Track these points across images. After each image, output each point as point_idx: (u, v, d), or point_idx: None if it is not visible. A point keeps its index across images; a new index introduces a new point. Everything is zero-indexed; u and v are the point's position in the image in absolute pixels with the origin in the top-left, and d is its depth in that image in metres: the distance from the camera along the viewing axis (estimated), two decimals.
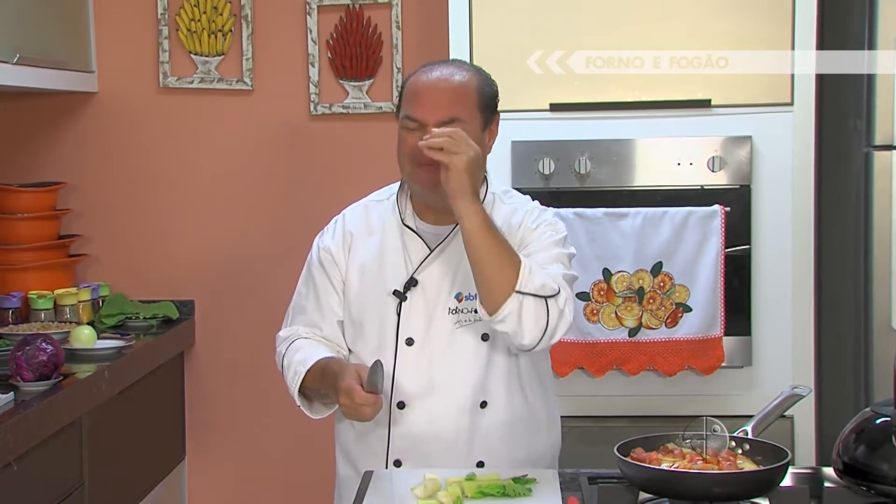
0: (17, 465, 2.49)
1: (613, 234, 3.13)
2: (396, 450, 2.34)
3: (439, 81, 2.30)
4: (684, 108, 3.19)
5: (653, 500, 2.00)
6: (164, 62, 3.73)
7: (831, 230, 3.32)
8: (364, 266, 2.39)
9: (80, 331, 3.18)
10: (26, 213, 3.59)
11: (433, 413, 2.31)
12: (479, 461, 2.32)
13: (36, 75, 3.29)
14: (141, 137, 3.78)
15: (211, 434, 3.84)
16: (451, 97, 2.28)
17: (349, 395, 2.17)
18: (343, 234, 2.44)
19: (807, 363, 3.20)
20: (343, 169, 3.73)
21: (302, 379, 2.33)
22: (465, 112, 2.28)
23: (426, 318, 2.33)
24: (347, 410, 2.20)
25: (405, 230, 2.38)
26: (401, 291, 2.34)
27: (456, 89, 2.29)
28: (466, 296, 2.32)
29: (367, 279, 2.38)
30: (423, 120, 2.27)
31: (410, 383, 2.32)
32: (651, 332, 3.15)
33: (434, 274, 2.34)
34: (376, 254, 2.39)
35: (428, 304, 2.33)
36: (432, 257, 2.35)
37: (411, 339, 2.33)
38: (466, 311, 2.32)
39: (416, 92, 2.30)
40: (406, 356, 2.33)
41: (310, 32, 3.70)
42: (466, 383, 2.32)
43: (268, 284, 3.76)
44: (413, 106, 2.29)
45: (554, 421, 2.47)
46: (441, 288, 2.33)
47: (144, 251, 3.80)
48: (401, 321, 2.33)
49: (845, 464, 2.00)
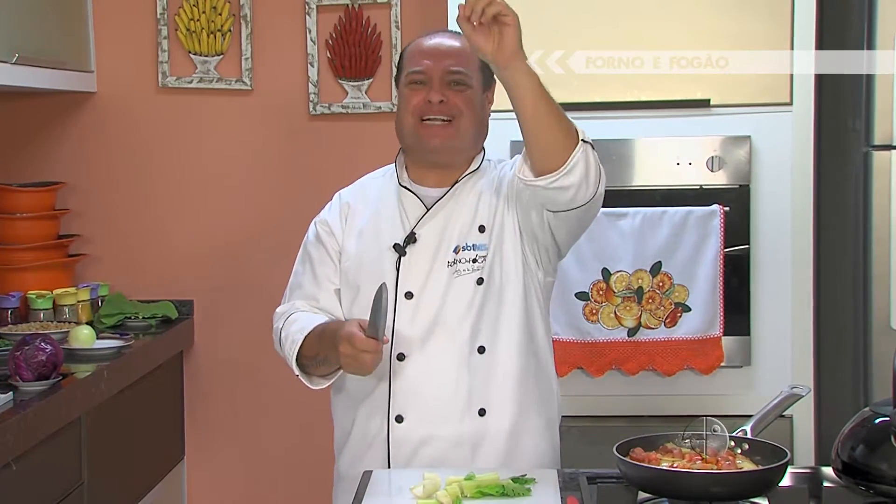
0: (17, 464, 2.49)
1: (612, 233, 3.13)
2: (398, 405, 2.33)
3: (442, 41, 2.38)
4: (683, 107, 3.19)
5: (652, 499, 2.00)
6: (163, 62, 3.73)
7: (830, 230, 3.32)
8: (362, 230, 2.42)
9: (79, 330, 3.18)
10: (25, 213, 3.59)
11: (432, 361, 2.32)
12: (480, 408, 2.32)
13: (35, 75, 3.29)
14: (140, 137, 3.78)
15: (210, 433, 3.84)
16: (455, 53, 2.36)
17: (350, 340, 2.17)
18: (340, 206, 2.48)
19: (806, 363, 3.20)
20: (342, 169, 3.71)
21: (300, 347, 2.33)
22: (470, 68, 2.35)
23: (425, 273, 2.35)
24: (348, 360, 2.19)
25: (402, 190, 2.41)
26: (401, 245, 2.36)
27: (459, 47, 2.36)
28: (464, 247, 2.35)
29: (364, 240, 2.41)
30: (429, 73, 2.34)
31: (409, 334, 2.33)
32: (650, 332, 3.15)
33: (433, 230, 2.37)
34: (373, 216, 2.43)
35: (427, 259, 2.35)
36: (431, 214, 2.37)
37: (410, 292, 2.34)
38: (464, 261, 2.35)
39: (420, 50, 2.37)
40: (405, 309, 2.34)
41: (309, 32, 3.70)
42: (463, 328, 2.33)
43: (267, 284, 3.75)
44: (418, 62, 2.36)
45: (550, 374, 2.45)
46: (440, 243, 2.36)
47: (143, 251, 3.80)
48: (400, 276, 2.35)
49: (844, 463, 2.01)
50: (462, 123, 2.36)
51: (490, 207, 2.39)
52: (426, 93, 2.34)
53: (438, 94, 2.34)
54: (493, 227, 2.37)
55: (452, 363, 2.33)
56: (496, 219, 2.38)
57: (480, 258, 2.35)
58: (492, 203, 2.39)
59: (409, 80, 2.36)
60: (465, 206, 2.39)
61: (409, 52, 2.41)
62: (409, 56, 2.39)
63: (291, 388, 3.77)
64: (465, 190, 2.40)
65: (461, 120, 2.35)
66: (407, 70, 2.37)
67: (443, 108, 2.34)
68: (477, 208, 2.39)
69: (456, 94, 2.35)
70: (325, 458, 3.74)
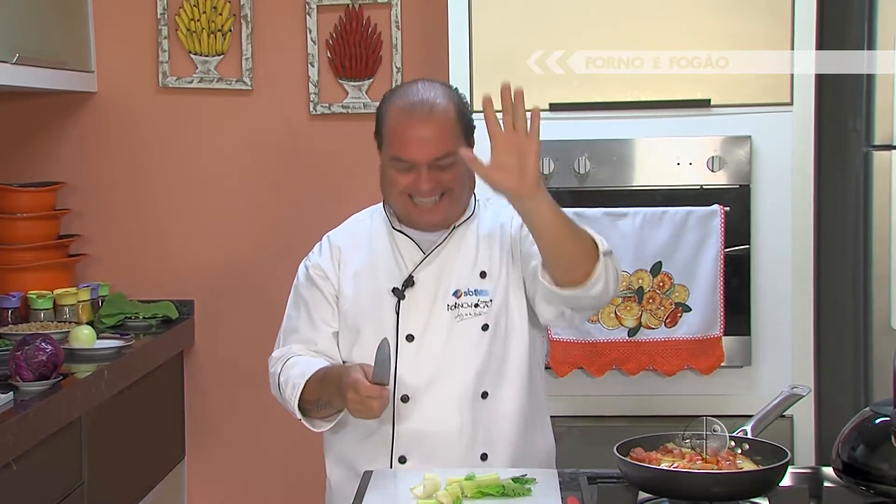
0: (17, 464, 2.49)
1: (613, 233, 3.13)
2: (401, 446, 2.34)
3: (422, 116, 2.29)
4: (684, 107, 3.19)
5: (652, 499, 2.00)
6: (163, 62, 3.73)
7: (831, 230, 3.32)
8: (357, 273, 2.40)
9: (79, 331, 3.18)
10: (26, 213, 3.59)
11: (437, 405, 2.32)
12: (482, 453, 2.33)
13: (35, 75, 3.29)
14: (140, 137, 3.78)
15: (210, 434, 3.84)
16: (438, 133, 2.28)
17: (355, 388, 2.17)
18: (331, 249, 2.45)
19: (806, 363, 3.19)
20: (342, 169, 3.73)
21: (301, 391, 2.32)
22: (453, 142, 2.29)
23: (425, 315, 2.34)
24: (354, 406, 2.19)
25: (396, 234, 2.39)
26: (399, 289, 2.35)
27: (440, 123, 2.29)
28: (465, 292, 2.35)
29: (361, 284, 2.39)
30: (414, 161, 2.29)
31: (413, 377, 2.33)
32: (650, 332, 3.15)
33: (431, 274, 2.36)
34: (368, 259, 2.41)
35: (426, 302, 2.35)
36: (429, 259, 2.37)
37: (411, 335, 2.34)
38: (467, 305, 2.34)
39: (400, 133, 2.29)
40: (407, 352, 2.34)
41: (309, 32, 3.70)
42: (467, 373, 2.33)
43: (267, 284, 3.76)
44: (401, 147, 2.29)
45: (546, 423, 2.48)
46: (438, 286, 2.35)
47: (144, 251, 3.80)
48: (400, 319, 2.34)
49: (845, 463, 2.01)
50: (453, 196, 2.33)
51: (492, 257, 2.37)
52: (413, 178, 2.29)
53: (427, 182, 2.28)
54: (499, 277, 2.36)
55: (456, 407, 2.33)
56: (501, 270, 2.37)
57: (483, 303, 2.35)
58: (493, 253, 2.38)
59: (395, 165, 2.31)
60: (464, 251, 2.38)
61: (388, 125, 2.32)
62: (390, 134, 2.31)
63: None
64: (463, 235, 2.39)
65: (452, 194, 2.33)
66: (390, 151, 2.31)
67: (433, 190, 2.30)
68: (477, 254, 2.38)
69: (444, 172, 2.30)
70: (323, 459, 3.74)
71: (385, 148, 2.35)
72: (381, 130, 2.36)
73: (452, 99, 2.34)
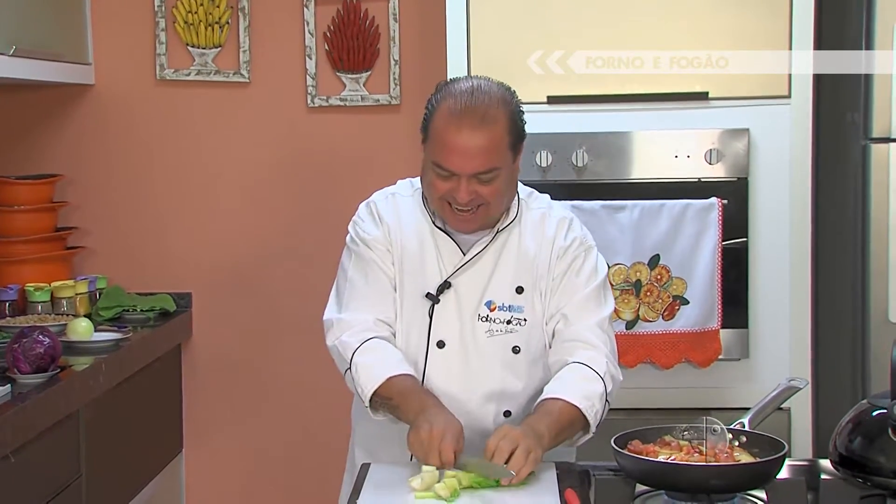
0: (15, 457, 2.49)
1: (611, 226, 3.13)
2: None
3: (471, 128, 2.20)
4: (681, 100, 3.19)
5: (650, 492, 2.00)
6: (160, 54, 3.72)
7: (829, 223, 3.32)
8: (404, 263, 2.35)
9: (77, 323, 3.18)
10: (23, 206, 3.58)
11: (462, 416, 2.25)
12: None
13: (32, 67, 3.28)
14: (138, 130, 3.78)
15: (208, 426, 3.84)
16: (484, 147, 2.20)
17: (439, 438, 2.09)
18: (381, 222, 2.38)
19: (804, 356, 3.20)
20: (340, 161, 3.72)
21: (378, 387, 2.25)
22: (499, 158, 2.23)
23: (458, 322, 2.32)
24: (419, 440, 2.11)
25: (437, 232, 2.35)
26: (434, 294, 2.32)
27: (488, 136, 2.21)
28: (499, 306, 2.32)
29: (406, 278, 2.35)
30: (458, 172, 2.22)
31: (440, 386, 2.31)
32: (648, 325, 3.15)
33: (468, 279, 2.33)
34: (415, 253, 2.35)
35: (459, 308, 2.32)
36: (469, 264, 2.33)
37: (442, 341, 2.32)
38: (499, 321, 2.32)
39: (446, 141, 2.21)
40: (437, 359, 2.32)
41: (307, 25, 3.69)
42: (493, 392, 2.33)
43: (265, 277, 3.75)
44: (444, 157, 2.22)
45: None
46: (473, 294, 2.33)
47: (142, 244, 3.80)
48: (432, 323, 2.32)
49: (842, 456, 2.01)
50: (491, 210, 2.28)
51: (531, 273, 2.34)
52: (453, 187, 2.23)
53: (466, 194, 2.23)
54: (533, 297, 2.34)
55: (479, 422, 2.32)
56: (536, 290, 2.34)
57: (515, 321, 2.32)
58: (534, 270, 2.34)
59: (436, 171, 2.24)
60: (504, 260, 2.34)
61: (436, 126, 2.24)
62: (436, 140, 2.23)
63: (289, 381, 3.79)
64: (505, 242, 2.35)
65: (489, 208, 2.28)
66: (433, 157, 2.24)
67: (470, 202, 2.25)
68: (517, 267, 2.34)
69: (484, 186, 2.23)
70: (322, 450, 3.75)
71: (429, 148, 2.26)
72: (428, 127, 2.26)
73: (507, 107, 2.25)
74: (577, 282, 2.34)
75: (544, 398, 2.23)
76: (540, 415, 2.18)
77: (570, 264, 2.34)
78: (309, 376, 3.74)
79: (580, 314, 2.32)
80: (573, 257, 2.35)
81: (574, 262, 2.35)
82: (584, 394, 2.22)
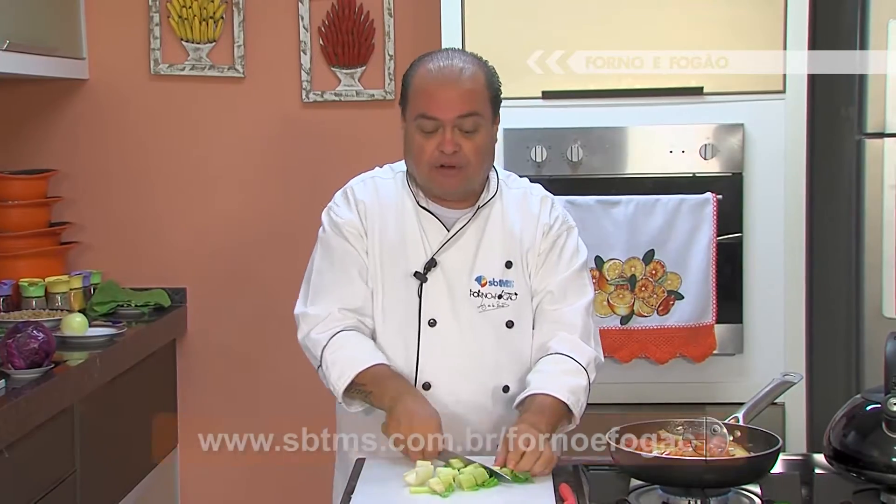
0: (9, 452, 2.49)
1: (605, 221, 3.13)
2: None
3: (452, 76, 2.28)
4: (676, 95, 3.19)
5: (644, 487, 2.00)
6: (155, 49, 3.72)
7: (823, 218, 3.32)
8: (384, 244, 2.36)
9: (71, 318, 3.18)
10: (17, 201, 3.58)
11: (458, 395, 2.31)
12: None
13: (26, 62, 3.28)
14: (132, 124, 3.77)
15: (203, 421, 3.84)
16: (467, 91, 2.27)
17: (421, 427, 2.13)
18: (356, 204, 2.39)
19: (798, 350, 3.20)
20: (335, 156, 3.72)
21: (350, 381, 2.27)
22: (481, 105, 2.29)
23: (448, 299, 2.33)
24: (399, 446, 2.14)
25: (421, 211, 2.36)
26: (421, 273, 2.33)
27: (470, 83, 2.28)
28: (490, 281, 2.34)
29: (387, 258, 2.36)
30: (441, 118, 2.26)
31: (435, 365, 2.32)
32: (643, 320, 3.15)
33: (454, 256, 2.34)
34: (396, 233, 2.36)
35: (449, 286, 2.33)
36: (453, 240, 2.35)
37: (434, 320, 2.33)
38: (490, 296, 2.34)
39: (428, 89, 2.27)
40: (430, 337, 2.33)
41: (301, 20, 3.69)
42: (490, 367, 2.34)
43: (260, 272, 3.75)
44: (428, 104, 2.27)
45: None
46: (462, 270, 2.34)
47: (136, 239, 3.79)
48: (422, 302, 2.33)
49: (836, 450, 2.01)
50: (473, 170, 2.31)
51: (518, 248, 2.36)
52: (439, 140, 2.27)
53: (451, 144, 2.26)
54: (523, 271, 2.36)
55: (477, 398, 2.33)
56: (523, 264, 2.36)
57: (507, 295, 2.34)
58: (520, 245, 2.36)
59: (420, 125, 2.28)
60: (490, 235, 2.36)
61: (415, 85, 2.30)
62: (416, 93, 2.30)
63: (284, 376, 3.79)
64: (488, 215, 2.37)
65: (471, 168, 2.30)
66: (417, 111, 2.28)
67: (455, 158, 2.27)
68: (504, 242, 2.36)
69: (467, 140, 2.28)
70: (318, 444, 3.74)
71: (410, 109, 2.30)
72: (407, 94, 2.32)
73: (484, 67, 2.33)
74: (560, 261, 2.37)
75: (533, 393, 2.25)
76: (537, 413, 2.20)
77: (554, 242, 2.38)
78: (304, 371, 3.71)
79: (564, 294, 2.36)
80: (557, 235, 2.38)
81: (558, 241, 2.38)
82: (570, 388, 2.27)
